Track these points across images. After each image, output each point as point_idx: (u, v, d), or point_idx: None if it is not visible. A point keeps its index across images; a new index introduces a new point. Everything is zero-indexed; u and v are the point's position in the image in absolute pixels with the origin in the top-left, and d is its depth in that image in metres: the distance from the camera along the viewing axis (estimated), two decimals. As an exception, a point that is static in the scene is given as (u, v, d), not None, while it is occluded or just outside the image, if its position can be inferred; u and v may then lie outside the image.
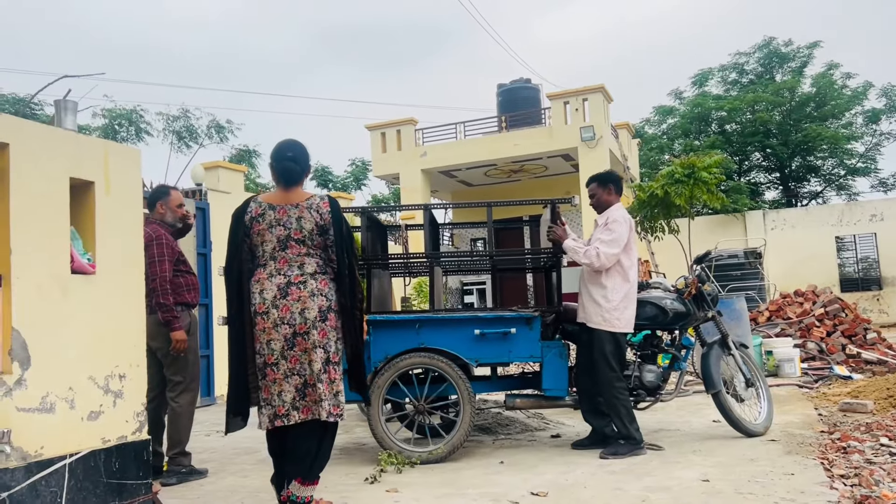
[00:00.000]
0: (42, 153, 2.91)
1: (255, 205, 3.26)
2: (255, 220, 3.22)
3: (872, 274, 18.68)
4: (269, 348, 3.15)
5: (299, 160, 3.29)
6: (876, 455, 3.91)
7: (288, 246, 3.20)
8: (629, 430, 4.37)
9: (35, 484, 2.70)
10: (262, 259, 3.23)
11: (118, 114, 22.18)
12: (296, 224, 3.20)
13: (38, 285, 2.83)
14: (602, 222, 4.65)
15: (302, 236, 3.20)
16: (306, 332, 3.13)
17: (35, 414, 2.76)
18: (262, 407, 3.18)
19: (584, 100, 16.93)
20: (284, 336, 3.14)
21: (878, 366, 7.79)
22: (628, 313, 4.49)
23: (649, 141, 26.74)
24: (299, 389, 3.14)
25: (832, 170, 26.42)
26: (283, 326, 3.13)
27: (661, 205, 12.27)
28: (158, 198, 4.40)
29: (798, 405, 5.96)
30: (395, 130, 18.83)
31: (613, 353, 4.45)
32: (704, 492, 3.41)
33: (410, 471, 4.17)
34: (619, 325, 4.45)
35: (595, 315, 4.49)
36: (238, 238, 3.25)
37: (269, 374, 3.15)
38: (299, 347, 3.15)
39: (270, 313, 3.14)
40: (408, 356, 4.45)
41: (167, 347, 4.19)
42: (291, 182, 3.28)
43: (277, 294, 3.15)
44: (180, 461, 4.21)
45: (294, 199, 3.24)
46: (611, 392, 4.44)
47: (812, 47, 25.78)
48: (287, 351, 3.14)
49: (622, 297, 4.47)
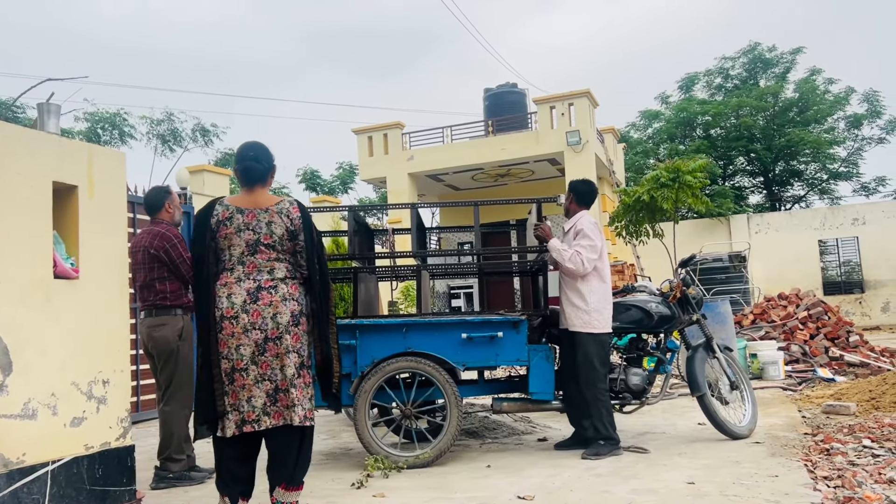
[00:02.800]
0: (24, 157, 2.88)
1: (222, 208, 3.17)
2: (222, 224, 3.14)
3: (855, 277, 18.89)
4: (239, 353, 3.08)
5: (261, 159, 3.24)
6: (859, 456, 3.95)
7: (257, 251, 3.15)
8: (609, 431, 4.44)
9: (17, 491, 2.67)
10: (228, 263, 3.15)
11: (101, 117, 22.03)
12: (266, 229, 3.15)
13: (20, 290, 2.80)
14: (569, 228, 4.74)
15: (272, 241, 3.16)
16: (279, 338, 3.10)
17: (17, 420, 2.73)
18: (228, 412, 3.08)
19: (570, 104, 17.02)
20: (255, 341, 3.09)
21: (860, 368, 7.88)
22: (606, 314, 4.56)
23: (635, 145, 26.92)
24: (270, 395, 3.09)
25: (815, 174, 26.72)
26: (253, 332, 3.08)
27: (646, 209, 12.35)
28: (164, 198, 4.37)
29: (782, 407, 6.00)
30: (382, 134, 18.82)
31: (597, 354, 4.50)
32: (690, 494, 3.43)
33: (397, 475, 4.16)
34: (600, 325, 4.52)
35: (575, 318, 4.54)
36: (206, 241, 3.16)
37: (238, 379, 3.07)
38: (271, 353, 3.10)
39: (240, 318, 3.08)
40: (395, 360, 4.44)
41: (160, 351, 4.17)
42: (254, 181, 3.22)
43: (247, 299, 3.10)
44: (168, 466, 4.16)
45: (263, 203, 3.19)
46: (594, 393, 4.47)
47: (795, 53, 26.10)
48: (258, 356, 3.09)
49: (599, 299, 4.53)
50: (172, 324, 4.20)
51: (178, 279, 4.19)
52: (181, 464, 4.21)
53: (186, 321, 4.31)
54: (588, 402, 4.53)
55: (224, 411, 3.07)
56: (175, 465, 4.18)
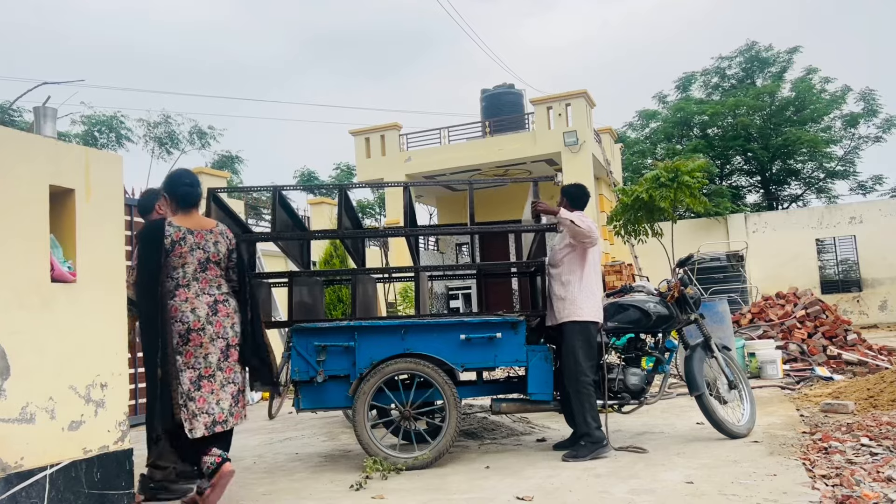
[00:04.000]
0: (21, 161, 2.88)
1: (174, 229, 3.54)
2: (177, 244, 3.51)
3: (852, 275, 18.92)
4: (207, 361, 3.49)
5: (196, 185, 3.70)
6: (857, 455, 3.96)
7: (207, 268, 3.60)
8: (590, 428, 4.38)
9: (15, 496, 2.67)
10: (183, 280, 3.54)
11: (98, 120, 22.01)
12: (213, 248, 3.63)
13: (17, 294, 2.79)
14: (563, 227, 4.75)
15: (218, 259, 3.65)
16: (237, 345, 3.61)
17: (15, 424, 2.73)
18: (196, 415, 3.44)
19: (567, 105, 17.03)
20: (220, 349, 3.53)
21: (858, 366, 7.89)
22: (591, 303, 4.53)
23: (632, 145, 26.96)
24: (234, 396, 3.57)
25: (812, 173, 26.79)
26: (218, 340, 3.52)
27: (644, 208, 12.38)
28: (155, 199, 4.30)
29: (780, 406, 6.01)
30: (380, 136, 18.82)
31: (582, 347, 4.46)
32: (689, 494, 3.43)
33: (396, 477, 4.16)
34: (584, 313, 4.49)
35: (561, 310, 4.56)
36: (159, 259, 3.49)
37: (206, 385, 3.47)
38: (232, 358, 3.59)
39: (206, 329, 3.49)
40: (393, 362, 4.44)
41: None
42: (193, 205, 3.67)
43: (209, 311, 3.53)
44: (152, 474, 3.92)
45: (206, 225, 3.67)
46: (576, 387, 4.44)
47: (792, 52, 26.18)
48: (223, 362, 3.53)
49: (583, 287, 4.53)
50: None
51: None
52: (166, 472, 3.95)
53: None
54: (572, 397, 4.48)
55: (180, 420, 3.43)
56: (159, 472, 3.93)
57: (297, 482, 4.23)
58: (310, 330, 4.49)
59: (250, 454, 5.34)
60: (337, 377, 4.47)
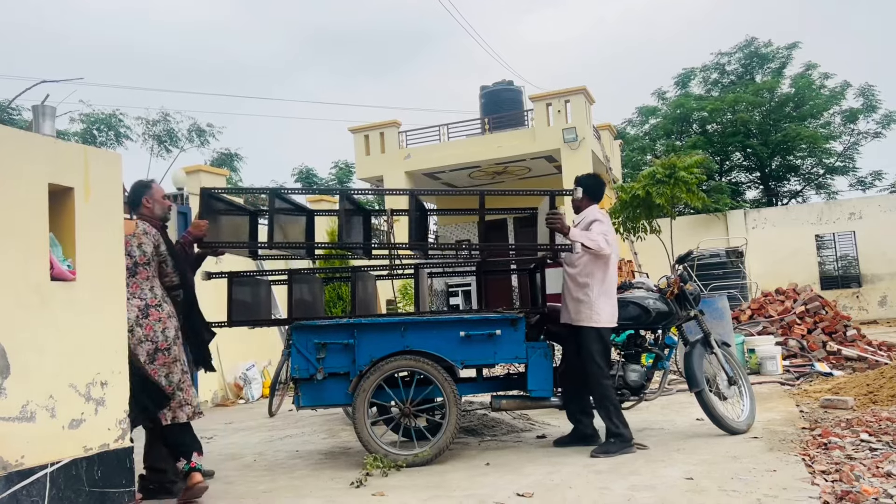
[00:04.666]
0: (20, 159, 2.88)
1: None
2: None
3: (852, 271, 18.92)
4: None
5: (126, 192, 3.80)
6: (856, 451, 3.96)
7: (136, 272, 3.67)
8: (619, 428, 4.40)
9: (16, 494, 2.67)
10: None
11: (97, 118, 21.97)
12: (138, 251, 3.68)
13: (16, 292, 2.79)
14: (578, 221, 4.70)
15: (146, 260, 3.71)
16: (166, 349, 3.68)
17: (15, 423, 2.73)
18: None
19: (567, 101, 17.00)
20: (147, 352, 3.63)
21: (858, 362, 7.90)
22: (609, 308, 4.53)
23: (631, 142, 26.92)
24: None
25: (811, 169, 26.75)
26: (146, 343, 3.63)
27: (642, 205, 12.36)
28: (142, 193, 4.04)
29: (780, 402, 6.02)
30: (379, 133, 18.78)
31: (599, 351, 4.48)
32: (689, 490, 3.44)
33: (396, 474, 4.17)
34: (602, 319, 4.49)
35: (578, 313, 4.53)
36: None
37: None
38: (159, 361, 3.66)
39: (135, 331, 3.59)
40: (393, 359, 4.44)
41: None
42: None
43: (139, 314, 3.62)
44: (150, 476, 3.99)
45: (128, 230, 3.65)
46: (600, 390, 4.47)
47: (791, 48, 26.11)
48: (148, 365, 3.61)
49: (601, 293, 4.50)
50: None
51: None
52: (163, 475, 3.98)
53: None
54: (595, 401, 4.53)
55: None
56: (156, 475, 3.98)
57: (297, 479, 4.24)
58: (310, 327, 4.49)
59: (251, 452, 5.34)
60: (337, 374, 4.48)
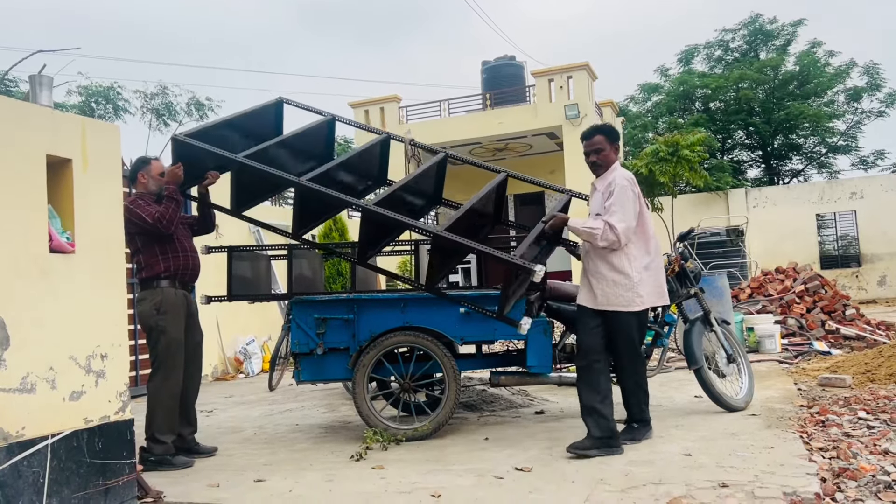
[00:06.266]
0: (17, 130, 2.84)
1: None
2: None
3: (852, 251, 18.91)
4: None
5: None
6: (854, 428, 3.98)
7: None
8: (646, 414, 4.18)
9: (17, 465, 2.68)
10: None
11: (95, 91, 21.78)
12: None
13: (15, 264, 2.78)
14: (603, 188, 4.06)
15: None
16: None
17: (15, 394, 2.73)
18: None
19: (569, 77, 16.85)
20: None
21: (856, 341, 7.92)
22: (648, 287, 3.97)
23: (633, 119, 26.74)
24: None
25: (813, 148, 26.63)
26: None
27: (644, 183, 12.33)
28: (139, 168, 4.30)
29: (778, 380, 6.04)
30: (379, 108, 18.65)
31: (638, 333, 4.05)
32: (687, 465, 3.46)
33: (396, 448, 4.19)
34: (641, 301, 3.93)
35: (613, 297, 3.92)
36: None
37: None
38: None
39: None
40: (393, 335, 4.44)
41: (143, 326, 4.18)
42: None
43: None
44: (151, 447, 4.04)
45: None
46: (635, 378, 4.14)
47: (796, 25, 25.83)
48: None
49: (640, 272, 3.95)
50: (150, 298, 4.13)
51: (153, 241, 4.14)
52: (164, 447, 4.05)
53: (167, 293, 4.16)
54: (627, 388, 4.15)
55: None
56: (157, 446, 4.04)
57: (297, 453, 4.26)
58: (310, 302, 4.49)
59: (251, 425, 5.37)
60: (337, 350, 4.49)
